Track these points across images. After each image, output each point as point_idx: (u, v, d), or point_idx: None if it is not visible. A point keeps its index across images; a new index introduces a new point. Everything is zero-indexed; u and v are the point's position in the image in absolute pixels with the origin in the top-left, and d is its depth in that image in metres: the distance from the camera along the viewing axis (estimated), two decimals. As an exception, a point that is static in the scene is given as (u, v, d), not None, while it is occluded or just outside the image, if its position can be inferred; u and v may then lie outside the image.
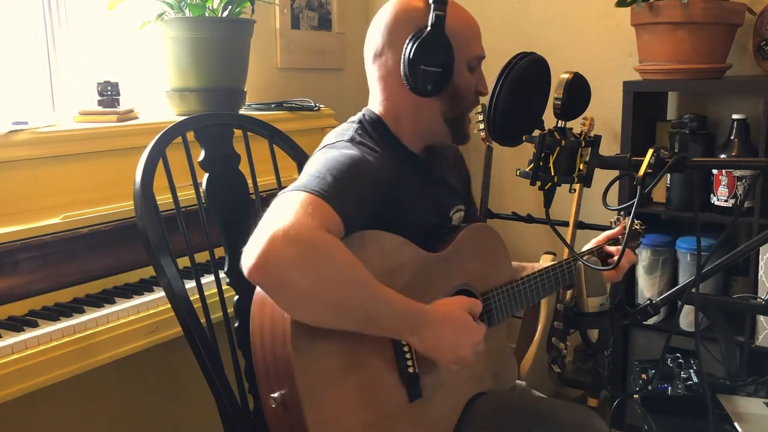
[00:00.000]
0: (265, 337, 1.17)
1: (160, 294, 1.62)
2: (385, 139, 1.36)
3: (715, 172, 2.23)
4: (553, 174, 1.17)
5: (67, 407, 1.75)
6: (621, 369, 2.48)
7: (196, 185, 1.49)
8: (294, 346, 1.11)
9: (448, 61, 1.29)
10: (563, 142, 1.16)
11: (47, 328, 1.43)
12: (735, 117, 2.21)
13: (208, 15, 2.07)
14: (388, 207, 1.27)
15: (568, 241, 2.43)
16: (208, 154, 1.52)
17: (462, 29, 1.33)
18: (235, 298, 1.51)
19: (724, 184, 2.21)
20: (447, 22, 1.29)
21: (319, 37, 2.88)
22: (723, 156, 2.23)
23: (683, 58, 2.22)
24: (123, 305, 1.58)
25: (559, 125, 1.19)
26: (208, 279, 1.65)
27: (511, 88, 1.20)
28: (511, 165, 2.85)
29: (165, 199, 1.43)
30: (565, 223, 2.47)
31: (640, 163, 1.15)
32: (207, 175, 1.51)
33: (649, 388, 1.79)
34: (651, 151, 1.14)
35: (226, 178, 1.53)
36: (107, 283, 1.68)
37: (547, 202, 1.22)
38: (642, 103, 2.36)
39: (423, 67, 1.28)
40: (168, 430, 2.03)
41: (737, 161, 2.15)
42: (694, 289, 1.29)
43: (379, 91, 1.38)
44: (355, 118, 1.40)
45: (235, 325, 1.51)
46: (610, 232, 1.69)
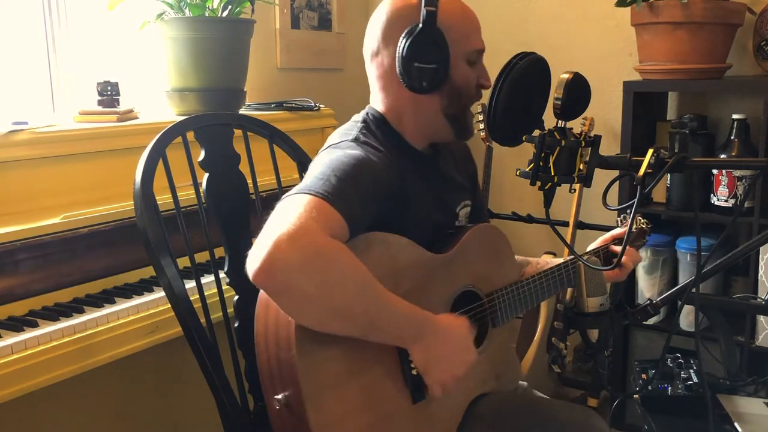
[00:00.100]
0: (269, 339, 1.17)
1: (160, 294, 1.62)
2: (389, 138, 1.35)
3: (715, 172, 2.23)
4: (553, 174, 1.17)
5: (67, 407, 1.75)
6: (621, 369, 2.48)
7: (196, 185, 1.49)
8: (299, 349, 1.11)
9: (442, 56, 1.29)
10: (563, 142, 1.16)
11: (47, 328, 1.43)
12: (735, 117, 2.21)
13: (208, 15, 2.07)
14: (393, 206, 1.26)
15: (568, 241, 2.43)
16: (208, 154, 1.51)
17: (457, 23, 1.32)
18: (235, 298, 1.51)
19: (724, 184, 2.21)
20: (441, 17, 1.28)
21: (319, 37, 2.88)
22: (723, 156, 2.23)
23: (683, 58, 2.22)
24: (123, 305, 1.58)
25: (559, 125, 1.19)
26: (208, 279, 1.65)
27: (511, 88, 1.20)
28: (511, 165, 2.85)
29: (165, 199, 1.43)
30: (565, 223, 2.47)
31: (640, 163, 1.15)
32: (207, 175, 1.51)
33: (649, 388, 1.79)
34: (651, 151, 1.15)
35: (226, 178, 1.53)
36: (107, 283, 1.68)
37: (547, 202, 1.22)
38: (642, 103, 2.36)
39: (417, 64, 1.27)
40: (168, 430, 2.03)
41: (737, 161, 2.16)
42: (694, 289, 1.29)
43: (379, 90, 1.38)
44: (359, 117, 1.39)
45: (235, 325, 1.50)
46: (616, 231, 1.68)
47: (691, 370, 1.86)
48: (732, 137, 2.21)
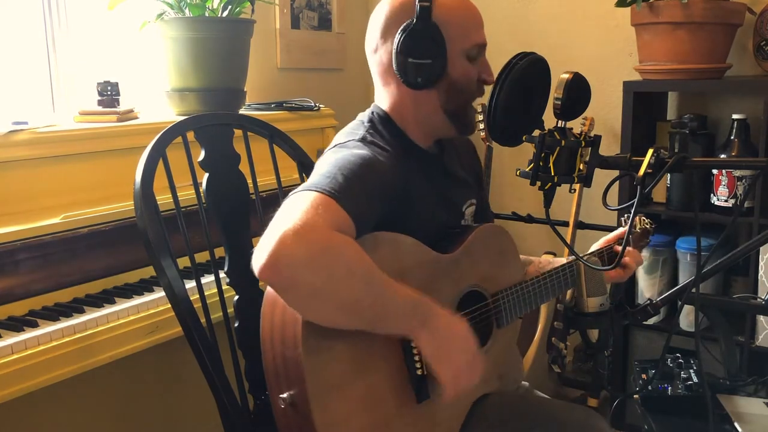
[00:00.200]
0: (275, 338, 1.16)
1: (160, 294, 1.62)
2: (396, 137, 1.35)
3: (715, 172, 2.23)
4: (553, 174, 1.17)
5: (67, 407, 1.75)
6: (621, 369, 2.48)
7: (196, 185, 1.49)
8: (305, 348, 1.11)
9: (438, 52, 1.28)
10: (563, 142, 1.16)
11: (47, 328, 1.43)
12: (735, 117, 2.21)
13: (208, 15, 2.07)
14: (399, 205, 1.26)
15: (568, 241, 2.43)
16: (208, 154, 1.51)
17: (456, 18, 1.31)
18: (235, 298, 1.51)
19: (724, 184, 2.21)
20: (439, 12, 1.28)
21: (319, 37, 2.88)
22: (723, 156, 2.23)
23: (683, 58, 2.22)
24: (123, 305, 1.58)
25: (559, 125, 1.19)
26: (208, 279, 1.65)
27: (511, 88, 1.20)
28: (511, 165, 2.85)
29: (165, 199, 1.43)
30: (565, 223, 2.47)
31: (640, 163, 1.15)
32: (207, 175, 1.51)
33: (649, 388, 1.79)
34: (651, 151, 1.15)
35: (226, 178, 1.53)
36: (107, 283, 1.68)
37: (547, 202, 1.22)
38: (642, 103, 2.36)
39: (411, 60, 1.27)
40: (168, 430, 2.03)
41: (737, 161, 2.16)
42: (694, 289, 1.29)
43: (381, 87, 1.38)
44: (364, 116, 1.39)
45: (235, 325, 1.50)
46: (619, 231, 1.68)
47: (691, 370, 1.86)
48: (732, 137, 2.21)
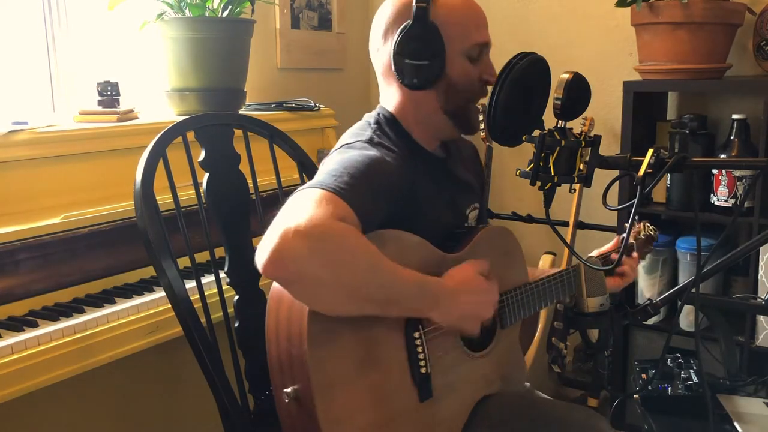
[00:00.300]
0: (281, 334, 1.16)
1: (160, 294, 1.62)
2: (402, 139, 1.35)
3: (715, 172, 2.22)
4: (553, 174, 1.17)
5: (67, 407, 1.75)
6: (621, 369, 2.48)
7: (197, 185, 1.49)
8: (311, 344, 1.11)
9: (435, 53, 1.28)
10: (563, 142, 1.16)
11: (47, 328, 1.43)
12: (735, 117, 2.21)
13: (208, 15, 2.07)
14: (405, 206, 1.26)
15: (568, 241, 2.43)
16: (208, 154, 1.52)
17: (455, 18, 1.31)
18: (235, 298, 1.51)
19: (724, 184, 2.21)
20: (439, 12, 1.28)
21: (319, 37, 2.88)
22: (723, 156, 2.23)
23: (683, 58, 2.21)
24: (123, 305, 1.58)
25: (559, 125, 1.19)
26: (208, 279, 1.65)
27: (511, 88, 1.20)
28: (511, 165, 2.85)
29: (165, 199, 1.43)
30: (565, 223, 2.47)
31: (640, 163, 1.15)
32: (207, 175, 1.51)
33: (649, 388, 1.79)
34: (651, 151, 1.15)
35: (226, 178, 1.53)
36: (107, 283, 1.68)
37: (547, 202, 1.22)
38: (642, 103, 2.36)
39: (408, 62, 1.27)
40: (168, 430, 2.03)
41: (737, 161, 2.16)
42: (694, 289, 1.29)
43: (385, 88, 1.38)
44: (371, 117, 1.38)
45: (235, 325, 1.51)
46: (618, 238, 1.68)
47: (691, 370, 1.86)
48: (732, 137, 2.21)
